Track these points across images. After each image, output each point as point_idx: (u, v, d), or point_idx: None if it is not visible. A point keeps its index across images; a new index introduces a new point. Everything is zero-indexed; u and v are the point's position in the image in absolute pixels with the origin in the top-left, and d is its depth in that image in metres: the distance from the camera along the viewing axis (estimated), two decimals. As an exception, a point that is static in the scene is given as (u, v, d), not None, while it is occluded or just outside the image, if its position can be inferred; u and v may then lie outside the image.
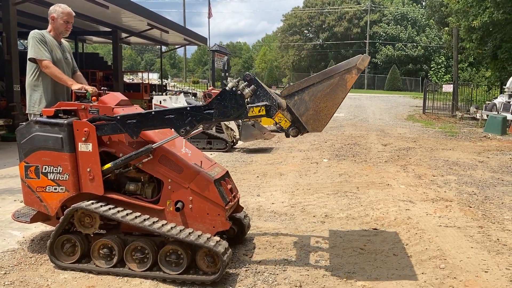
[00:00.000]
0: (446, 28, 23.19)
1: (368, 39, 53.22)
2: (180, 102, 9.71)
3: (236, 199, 3.73)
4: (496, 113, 15.33)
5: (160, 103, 9.52)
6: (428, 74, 43.74)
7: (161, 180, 3.43)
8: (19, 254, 3.59)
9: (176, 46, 25.28)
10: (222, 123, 9.35)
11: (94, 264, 3.30)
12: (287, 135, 3.18)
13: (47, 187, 3.39)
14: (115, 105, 3.50)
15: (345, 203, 5.29)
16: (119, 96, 3.68)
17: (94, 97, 3.61)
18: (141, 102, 17.11)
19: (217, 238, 3.24)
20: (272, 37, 75.91)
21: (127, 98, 3.75)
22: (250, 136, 9.23)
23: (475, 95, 22.33)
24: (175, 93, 17.37)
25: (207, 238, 3.18)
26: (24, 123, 3.48)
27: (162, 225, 3.23)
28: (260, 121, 9.96)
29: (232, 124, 9.60)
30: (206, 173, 3.42)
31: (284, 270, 3.37)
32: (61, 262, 3.32)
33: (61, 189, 3.37)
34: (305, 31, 60.85)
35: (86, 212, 3.30)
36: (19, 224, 4.03)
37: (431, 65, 46.53)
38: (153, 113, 3.23)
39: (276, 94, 3.63)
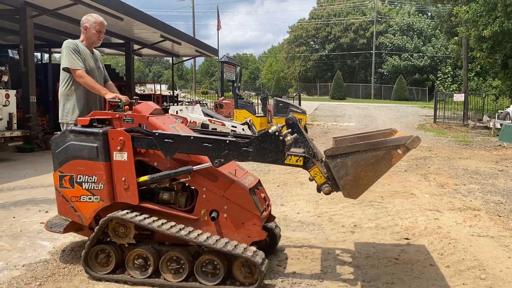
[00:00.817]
0: (456, 38, 23.13)
1: (374, 50, 53.34)
2: (196, 112, 9.73)
3: (270, 208, 3.69)
4: (510, 122, 15.20)
5: (177, 113, 9.54)
6: (435, 84, 43.63)
7: (194, 189, 3.40)
8: (51, 264, 3.54)
9: (186, 58, 25.44)
10: (238, 130, 9.34)
11: (129, 274, 3.25)
12: (319, 191, 3.17)
13: (82, 196, 3.36)
14: (149, 114, 3.49)
15: (372, 212, 5.22)
16: (152, 105, 3.67)
17: (126, 106, 3.61)
18: None
19: (253, 248, 3.19)
20: (278, 48, 76.34)
21: (159, 107, 3.74)
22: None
23: (485, 104, 22.19)
24: (191, 103, 17.44)
25: (244, 248, 3.13)
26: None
27: (198, 234, 3.18)
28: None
29: (247, 132, 9.59)
30: (240, 182, 3.38)
31: (321, 281, 3.30)
32: (96, 273, 3.28)
33: (95, 198, 3.34)
34: (311, 42, 61.12)
35: (120, 222, 3.26)
36: (48, 234, 4.01)
37: (438, 75, 46.44)
38: (192, 137, 3.20)
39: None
